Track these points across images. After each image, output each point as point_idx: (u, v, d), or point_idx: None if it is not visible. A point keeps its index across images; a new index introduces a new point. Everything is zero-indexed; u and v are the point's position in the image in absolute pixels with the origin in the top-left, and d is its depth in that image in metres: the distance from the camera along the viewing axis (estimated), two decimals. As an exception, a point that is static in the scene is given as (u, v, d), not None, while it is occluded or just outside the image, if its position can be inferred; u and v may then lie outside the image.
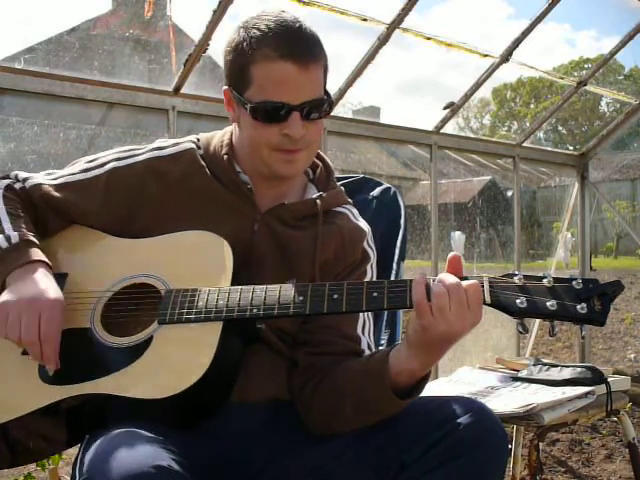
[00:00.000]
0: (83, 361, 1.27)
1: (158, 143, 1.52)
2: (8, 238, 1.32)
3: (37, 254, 1.33)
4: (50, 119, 2.86)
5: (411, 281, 1.22)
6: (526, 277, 1.20)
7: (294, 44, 1.32)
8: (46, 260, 1.34)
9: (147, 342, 1.25)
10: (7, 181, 1.47)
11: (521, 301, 1.17)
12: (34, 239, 1.36)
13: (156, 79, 3.09)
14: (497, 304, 1.19)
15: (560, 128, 28.91)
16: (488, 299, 1.19)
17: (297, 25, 1.35)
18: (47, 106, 2.77)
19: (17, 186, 1.46)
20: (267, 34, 1.33)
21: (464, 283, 1.18)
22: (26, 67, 2.62)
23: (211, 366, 1.19)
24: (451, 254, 1.24)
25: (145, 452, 1.07)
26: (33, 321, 1.24)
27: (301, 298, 1.25)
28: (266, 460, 1.33)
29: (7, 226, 1.35)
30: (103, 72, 2.96)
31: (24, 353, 1.28)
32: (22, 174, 1.48)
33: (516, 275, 1.20)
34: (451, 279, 1.18)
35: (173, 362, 1.23)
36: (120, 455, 1.05)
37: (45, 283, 1.29)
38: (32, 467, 2.60)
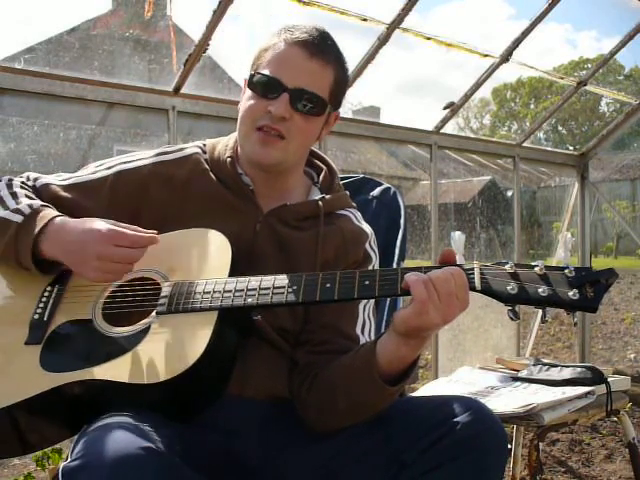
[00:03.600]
0: (83, 350, 1.30)
1: (164, 148, 1.56)
2: (31, 205, 1.38)
3: (57, 212, 1.39)
4: (50, 119, 2.87)
5: (402, 269, 1.23)
6: (518, 265, 1.20)
7: (310, 37, 1.42)
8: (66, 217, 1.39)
9: (144, 331, 1.28)
10: (20, 179, 1.53)
11: (512, 287, 1.17)
12: (51, 206, 1.42)
13: (156, 79, 3.09)
14: (487, 290, 1.19)
15: (560, 128, 28.90)
16: (478, 286, 1.19)
17: (324, 31, 1.46)
18: (47, 106, 2.77)
19: (29, 184, 1.51)
20: (293, 32, 1.43)
21: (449, 270, 1.19)
22: (26, 67, 2.62)
23: (205, 353, 1.21)
24: (445, 249, 1.25)
25: (135, 434, 1.09)
26: (109, 249, 1.30)
27: (295, 287, 1.27)
28: (264, 457, 1.34)
29: (25, 199, 1.41)
30: (103, 72, 2.96)
31: (27, 343, 1.32)
32: (33, 174, 1.54)
33: (507, 263, 1.20)
34: (438, 272, 1.19)
35: (168, 349, 1.25)
36: (110, 438, 1.08)
37: (80, 223, 1.35)
38: (32, 467, 2.60)
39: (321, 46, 1.43)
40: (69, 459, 1.10)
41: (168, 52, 3.00)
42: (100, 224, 1.33)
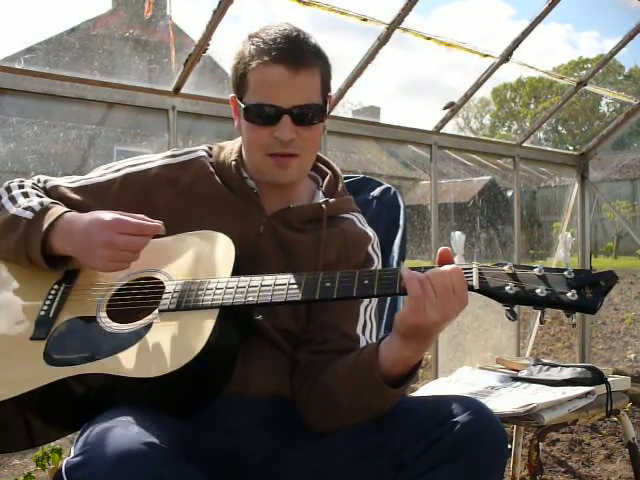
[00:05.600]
0: (85, 346, 1.33)
1: (172, 151, 1.59)
2: (41, 203, 1.42)
3: (66, 208, 1.43)
4: (50, 119, 2.87)
5: (401, 269, 1.23)
6: (517, 266, 1.20)
7: (288, 50, 1.39)
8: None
9: (146, 328, 1.30)
10: (31, 180, 1.56)
11: (510, 287, 1.16)
12: (61, 203, 1.45)
13: (156, 79, 3.09)
14: (485, 290, 1.18)
15: (560, 128, 28.90)
16: (477, 285, 1.19)
17: (294, 34, 1.42)
18: (47, 106, 2.77)
19: (39, 185, 1.55)
20: (266, 42, 1.40)
21: (445, 268, 1.19)
22: (26, 67, 2.62)
23: (205, 348, 1.22)
24: (441, 248, 1.25)
25: (137, 430, 1.09)
26: (114, 237, 1.31)
27: (295, 286, 1.28)
28: (265, 456, 1.34)
29: (36, 198, 1.45)
30: (103, 72, 2.96)
31: (32, 338, 1.34)
32: (43, 177, 1.58)
33: (507, 264, 1.20)
34: (435, 269, 1.19)
35: (169, 345, 1.27)
36: (112, 433, 1.08)
37: (87, 215, 1.37)
38: (32, 467, 2.60)
39: (300, 54, 1.40)
40: (71, 455, 1.10)
41: (168, 52, 2.99)
42: (105, 214, 1.35)
